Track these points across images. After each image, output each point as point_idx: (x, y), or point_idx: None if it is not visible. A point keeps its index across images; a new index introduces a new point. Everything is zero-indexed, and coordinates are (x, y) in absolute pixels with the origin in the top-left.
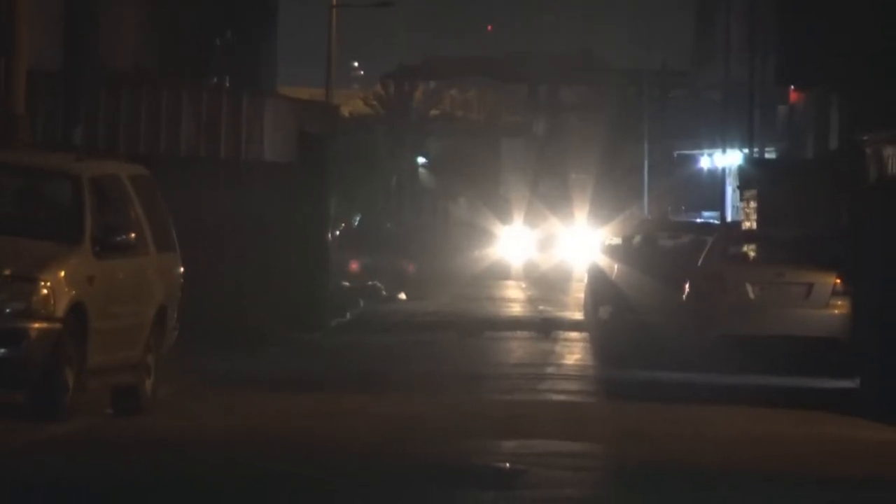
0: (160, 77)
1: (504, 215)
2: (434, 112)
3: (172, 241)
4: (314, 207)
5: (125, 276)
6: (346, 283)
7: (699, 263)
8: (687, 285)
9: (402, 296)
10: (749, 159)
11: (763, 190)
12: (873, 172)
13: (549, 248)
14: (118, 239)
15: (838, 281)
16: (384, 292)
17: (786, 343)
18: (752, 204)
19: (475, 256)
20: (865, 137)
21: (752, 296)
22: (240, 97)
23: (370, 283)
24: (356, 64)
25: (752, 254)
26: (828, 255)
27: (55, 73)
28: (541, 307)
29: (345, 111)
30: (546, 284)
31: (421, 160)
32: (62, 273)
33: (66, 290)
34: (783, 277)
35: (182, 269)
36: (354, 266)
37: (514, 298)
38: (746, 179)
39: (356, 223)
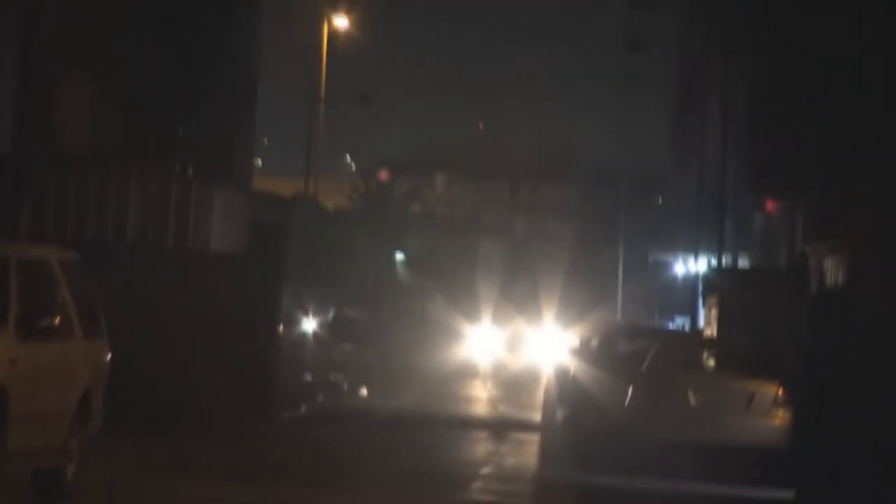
0: (115, 161)
1: (475, 314)
2: (414, 208)
3: (100, 327)
4: (265, 298)
5: (49, 360)
6: (308, 377)
7: (643, 367)
8: (630, 389)
9: (364, 392)
10: (712, 266)
11: (723, 297)
12: (814, 282)
13: (518, 349)
14: (42, 323)
15: (780, 391)
16: (346, 387)
17: (726, 451)
18: (714, 311)
19: (445, 355)
20: (807, 248)
21: (693, 402)
22: (189, 185)
23: (332, 377)
24: (348, 157)
25: (697, 360)
26: (773, 364)
27: (3, 154)
28: (501, 407)
29: (329, 204)
30: (512, 385)
31: (399, 256)
32: None
33: None
34: (725, 385)
35: (110, 355)
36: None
37: (478, 398)
38: (709, 285)
39: (330, 316)
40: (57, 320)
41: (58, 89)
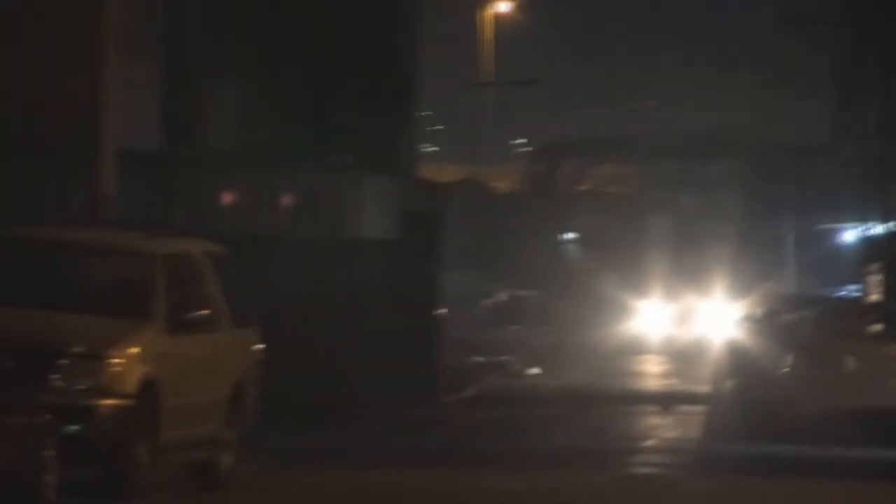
0: (267, 156)
1: (644, 290)
2: (582, 188)
3: (251, 319)
4: (423, 283)
5: (198, 352)
6: (478, 359)
7: (804, 336)
8: (791, 358)
9: (535, 370)
10: (877, 233)
11: (889, 263)
12: None
13: (688, 323)
14: (190, 316)
15: None
16: (516, 367)
17: (887, 416)
18: (878, 277)
19: (615, 331)
20: None
21: (853, 368)
22: (341, 176)
23: (502, 358)
24: (519, 140)
25: (859, 327)
26: None
27: (153, 152)
28: (670, 381)
29: (501, 185)
30: (682, 358)
31: (567, 235)
32: (133, 350)
33: (137, 366)
34: (885, 351)
35: (262, 346)
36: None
37: (647, 373)
38: (873, 252)
39: (501, 297)
40: (204, 312)
41: (205, 88)
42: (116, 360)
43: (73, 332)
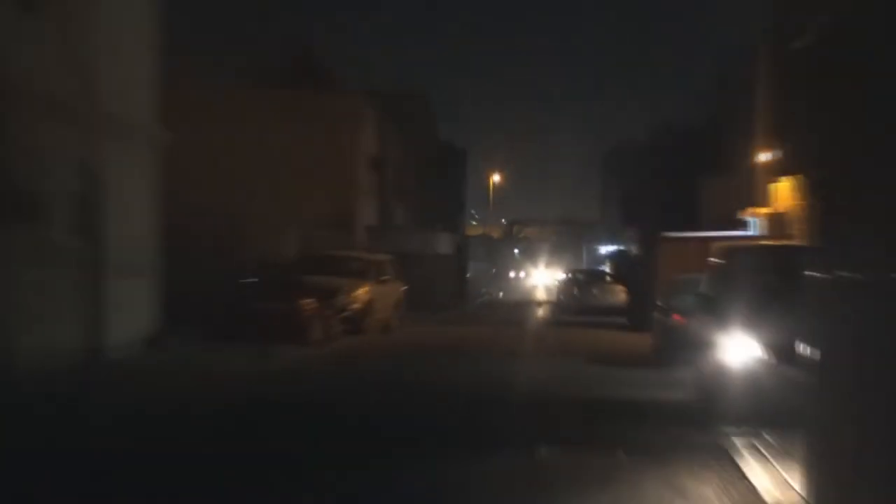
0: (411, 228)
1: (534, 266)
2: (521, 235)
3: (402, 278)
4: (462, 267)
5: (384, 290)
6: (483, 292)
7: (580, 281)
8: (576, 289)
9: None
10: (616, 249)
11: (613, 261)
12: None
13: (542, 280)
14: (382, 278)
15: None
16: (496, 295)
17: (603, 309)
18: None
19: (526, 282)
20: None
21: (594, 293)
22: (433, 230)
23: (491, 293)
24: (503, 220)
25: (600, 279)
26: None
27: (375, 226)
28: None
29: (495, 234)
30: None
31: (515, 250)
32: (363, 290)
33: (365, 294)
34: (606, 286)
35: (405, 287)
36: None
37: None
38: (613, 256)
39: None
40: (385, 277)
41: (391, 204)
42: (359, 293)
43: (343, 283)
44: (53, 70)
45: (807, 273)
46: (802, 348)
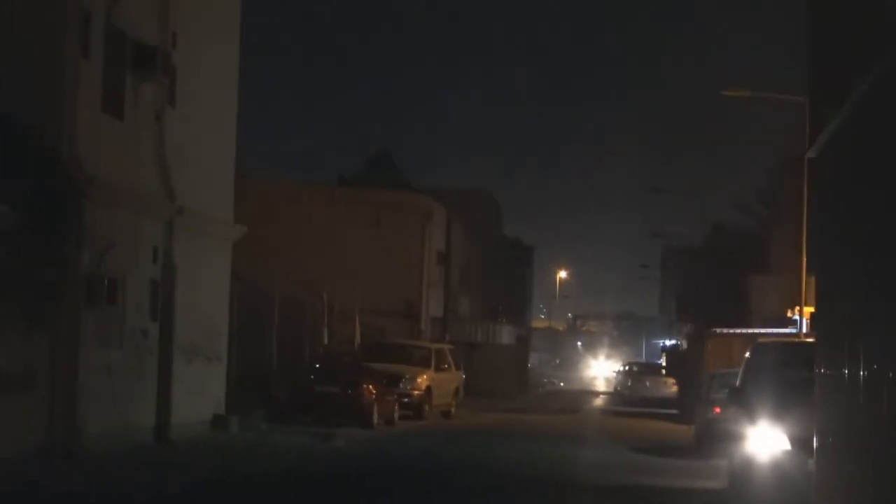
0: (479, 321)
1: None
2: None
3: (460, 366)
4: (523, 355)
5: (444, 378)
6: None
7: (632, 373)
8: (630, 381)
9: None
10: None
11: (667, 354)
12: None
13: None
14: (442, 366)
15: None
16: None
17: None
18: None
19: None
20: None
21: (648, 385)
22: (497, 323)
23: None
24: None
25: (654, 371)
26: None
27: (438, 317)
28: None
29: (561, 328)
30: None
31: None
32: (424, 377)
33: (426, 381)
34: (660, 380)
35: (464, 376)
36: None
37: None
38: (667, 350)
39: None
40: (445, 365)
41: (457, 296)
42: (420, 380)
43: (405, 370)
44: (135, 167)
45: (816, 369)
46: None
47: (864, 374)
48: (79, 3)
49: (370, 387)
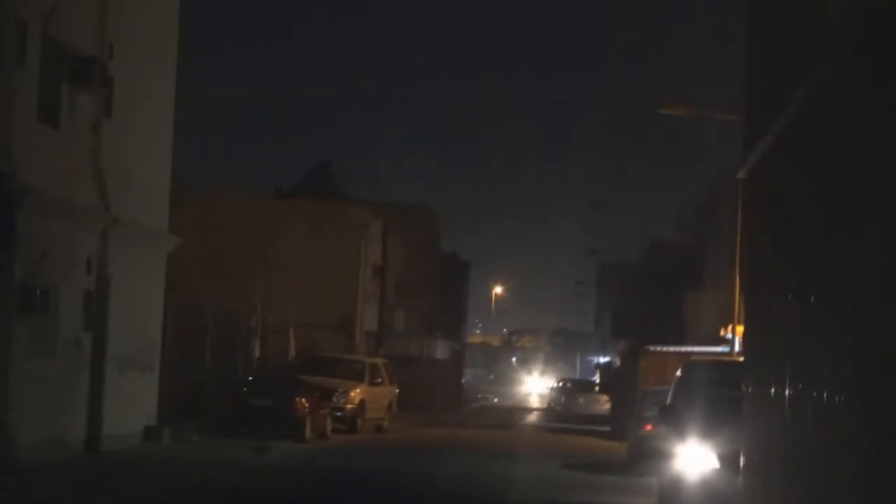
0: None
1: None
2: (518, 344)
3: (394, 381)
4: (457, 369)
5: (377, 392)
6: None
7: (566, 390)
8: (562, 397)
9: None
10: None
11: (601, 371)
12: None
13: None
14: (376, 380)
15: None
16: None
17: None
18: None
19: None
20: None
21: (581, 401)
22: (433, 340)
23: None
24: (504, 329)
25: (587, 388)
26: None
27: (373, 331)
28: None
29: (496, 343)
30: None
31: (513, 358)
32: (357, 391)
33: (359, 395)
34: (592, 396)
35: (398, 390)
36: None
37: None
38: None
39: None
40: (378, 379)
41: (392, 310)
42: (353, 394)
43: (339, 384)
44: (71, 177)
45: (744, 387)
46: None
47: (789, 392)
48: (14, 13)
49: (303, 400)
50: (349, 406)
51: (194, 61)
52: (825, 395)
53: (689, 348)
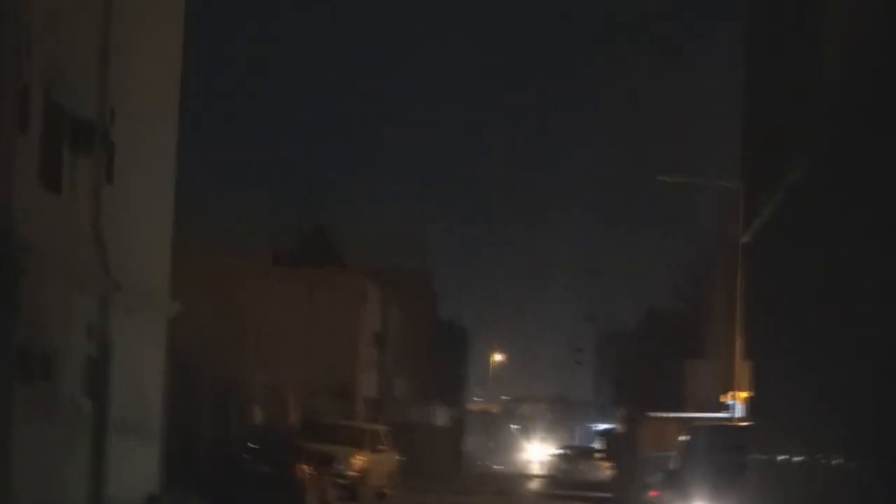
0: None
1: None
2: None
3: (393, 447)
4: (457, 435)
5: (380, 459)
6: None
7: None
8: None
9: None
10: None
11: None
12: None
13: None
14: (378, 447)
15: None
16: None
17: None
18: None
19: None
20: None
21: (581, 468)
22: (431, 405)
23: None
24: (502, 396)
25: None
26: None
27: (373, 398)
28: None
29: (495, 410)
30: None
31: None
32: (359, 459)
33: (360, 463)
34: (594, 462)
35: (398, 457)
36: None
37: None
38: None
39: None
40: (381, 447)
41: (392, 377)
42: (355, 461)
43: (340, 451)
44: (72, 241)
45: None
46: None
47: (797, 459)
48: (18, 76)
49: (304, 467)
50: (351, 473)
51: (191, 127)
52: (833, 461)
53: (690, 414)
